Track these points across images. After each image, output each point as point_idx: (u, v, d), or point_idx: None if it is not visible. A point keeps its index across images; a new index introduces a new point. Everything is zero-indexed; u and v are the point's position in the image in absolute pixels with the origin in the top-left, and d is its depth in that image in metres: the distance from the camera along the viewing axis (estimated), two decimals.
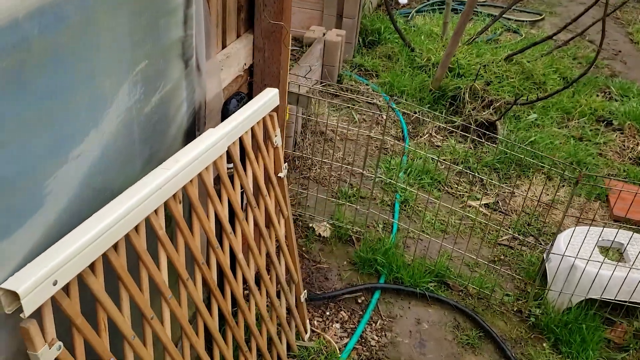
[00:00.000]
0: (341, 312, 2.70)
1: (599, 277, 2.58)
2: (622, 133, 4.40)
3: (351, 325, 2.63)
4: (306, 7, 5.08)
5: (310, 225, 3.14)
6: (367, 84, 4.66)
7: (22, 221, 1.20)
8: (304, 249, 3.00)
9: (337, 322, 2.64)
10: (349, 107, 4.20)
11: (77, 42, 1.23)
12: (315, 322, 2.62)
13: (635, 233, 2.79)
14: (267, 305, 2.26)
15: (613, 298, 2.62)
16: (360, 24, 5.23)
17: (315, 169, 3.57)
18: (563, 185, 3.79)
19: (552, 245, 2.70)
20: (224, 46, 2.28)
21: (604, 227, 2.61)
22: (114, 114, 1.45)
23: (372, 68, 4.93)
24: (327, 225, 3.14)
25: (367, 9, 5.76)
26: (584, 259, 2.58)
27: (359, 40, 5.26)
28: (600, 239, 2.77)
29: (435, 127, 4.21)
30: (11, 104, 1.08)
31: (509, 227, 3.38)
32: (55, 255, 1.20)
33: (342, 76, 4.70)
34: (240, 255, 1.91)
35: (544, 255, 2.87)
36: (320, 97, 3.47)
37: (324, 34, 4.47)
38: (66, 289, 1.24)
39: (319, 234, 3.10)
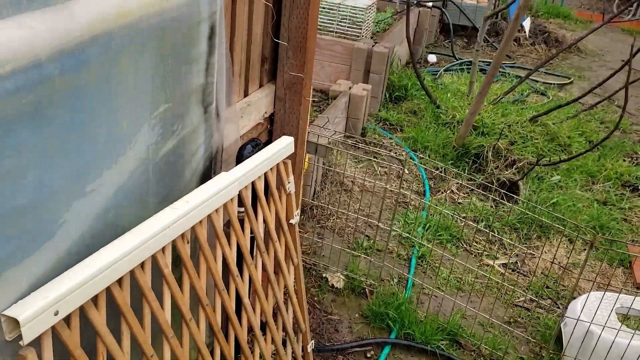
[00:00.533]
0: None
1: (616, 345, 2.50)
2: None
3: None
4: (335, 62, 5.22)
5: (324, 275, 3.14)
6: (390, 138, 4.71)
7: (32, 250, 1.24)
8: (315, 298, 2.99)
9: None
10: (370, 159, 4.24)
11: (98, 82, 1.30)
12: None
13: None
14: (272, 354, 2.25)
15: None
16: (387, 79, 5.33)
17: (333, 219, 3.59)
18: (584, 249, 3.72)
19: (566, 308, 2.64)
20: (245, 94, 2.36)
21: (619, 293, 2.55)
22: (130, 153, 1.51)
23: (397, 122, 4.99)
24: (341, 276, 3.13)
25: (396, 66, 5.88)
26: (600, 324, 2.51)
27: (385, 95, 5.35)
28: (619, 305, 2.70)
29: (457, 184, 4.21)
30: (31, 135, 1.14)
31: (527, 289, 3.32)
32: (59, 286, 1.23)
33: (367, 129, 4.76)
34: (246, 300, 1.92)
35: (560, 319, 2.80)
36: (341, 148, 3.52)
37: (350, 88, 4.56)
38: (67, 320, 1.27)
39: (332, 284, 3.09)
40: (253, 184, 1.90)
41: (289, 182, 2.11)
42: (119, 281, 1.39)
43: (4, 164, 1.10)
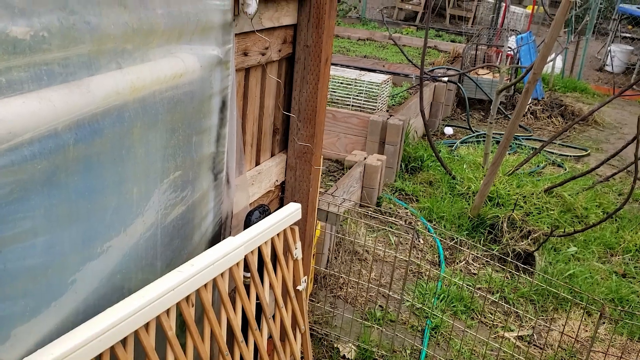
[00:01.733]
0: None
1: None
2: None
3: None
4: (352, 133, 5.36)
5: (336, 345, 3.12)
6: (406, 208, 4.76)
7: (41, 309, 1.30)
8: None
9: None
10: (384, 229, 4.27)
11: (110, 152, 1.40)
12: None
13: None
14: None
15: None
16: (402, 150, 5.43)
17: (346, 288, 3.59)
18: (603, 323, 3.64)
19: None
20: (257, 163, 2.46)
21: None
22: (139, 218, 1.58)
23: (413, 193, 5.05)
24: (353, 346, 3.11)
25: (412, 138, 6.00)
26: None
27: (401, 166, 5.44)
28: None
29: (473, 255, 4.20)
30: (44, 200, 1.23)
31: None
32: (64, 344, 1.28)
33: (382, 199, 4.82)
34: None
35: None
36: (354, 217, 3.57)
37: (364, 158, 4.67)
38: None
39: (344, 355, 3.06)
40: (259, 249, 1.96)
41: (296, 248, 2.16)
42: (123, 341, 1.43)
43: (18, 226, 1.18)
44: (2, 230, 1.14)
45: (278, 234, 2.03)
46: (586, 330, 3.54)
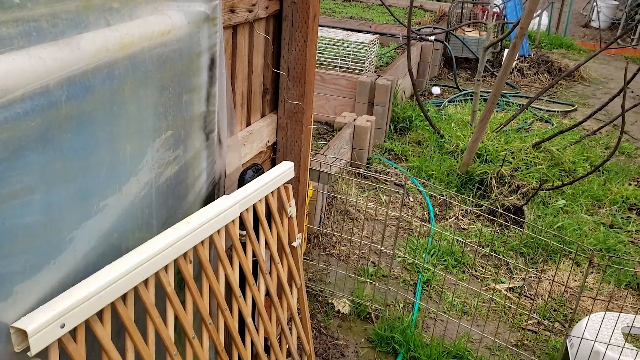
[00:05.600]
0: None
1: None
2: None
3: None
4: (340, 95, 5.34)
5: (330, 301, 3.17)
6: (395, 168, 4.79)
7: (41, 266, 1.31)
8: (322, 324, 3.02)
9: None
10: (375, 186, 4.31)
11: (102, 109, 1.40)
12: None
13: None
14: None
15: None
16: (391, 111, 5.44)
17: (339, 247, 3.63)
18: (592, 272, 3.73)
19: (568, 327, 2.65)
20: (248, 124, 2.45)
21: (620, 312, 2.56)
22: (133, 177, 1.59)
23: (402, 153, 5.07)
24: (347, 301, 3.16)
25: (400, 98, 5.99)
26: (603, 342, 2.52)
27: (390, 127, 5.45)
28: (625, 324, 2.71)
29: (462, 210, 4.25)
30: (38, 157, 1.23)
31: (533, 312, 3.32)
32: (66, 300, 1.30)
33: (372, 159, 4.84)
34: (249, 320, 1.97)
35: (567, 340, 2.80)
36: (344, 176, 3.59)
37: (354, 120, 4.67)
38: (73, 333, 1.33)
39: (339, 310, 3.12)
40: (254, 207, 1.97)
41: (290, 206, 2.18)
42: (123, 297, 1.45)
43: (14, 183, 1.18)
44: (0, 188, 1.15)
45: (272, 192, 2.05)
46: (575, 280, 3.62)
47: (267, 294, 2.14)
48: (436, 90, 6.95)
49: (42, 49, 1.20)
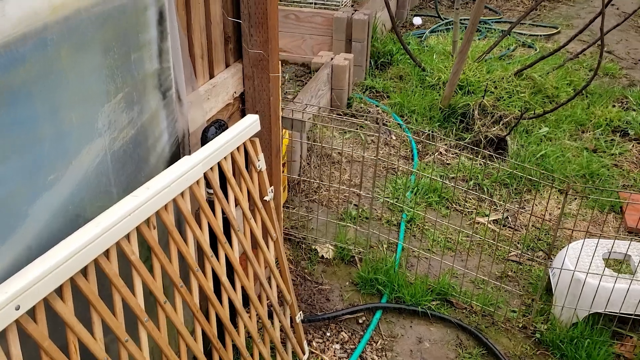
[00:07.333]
0: (342, 333, 2.70)
1: (601, 289, 2.52)
2: (638, 143, 4.31)
3: (351, 346, 2.64)
4: (317, 33, 5.18)
5: (314, 247, 3.17)
6: (377, 106, 4.70)
7: None
8: (306, 270, 3.03)
9: (337, 342, 2.65)
10: (354, 130, 4.24)
11: (37, 79, 1.32)
12: (314, 343, 2.64)
13: None
14: (259, 329, 2.30)
15: (618, 311, 2.56)
16: (371, 46, 5.29)
17: (321, 192, 3.61)
18: (575, 199, 3.73)
19: (550, 257, 2.66)
20: (211, 76, 2.36)
21: (599, 238, 2.56)
22: (84, 146, 1.53)
23: (383, 89, 4.97)
24: (330, 246, 3.17)
25: (380, 32, 5.82)
26: (583, 271, 2.53)
27: (370, 63, 5.32)
28: (605, 250, 2.72)
29: (445, 145, 4.20)
30: None
31: (518, 242, 3.34)
32: (19, 281, 1.26)
33: (352, 99, 4.75)
34: (223, 278, 1.96)
35: (549, 270, 2.83)
36: (319, 123, 3.53)
37: (331, 59, 4.54)
38: (32, 313, 1.30)
39: (322, 255, 3.12)
40: (219, 164, 1.92)
41: (259, 160, 2.12)
42: (83, 271, 1.42)
43: None
44: None
45: (238, 148, 1.99)
46: (559, 208, 3.62)
47: (243, 250, 2.12)
48: (417, 20, 6.75)
49: None
